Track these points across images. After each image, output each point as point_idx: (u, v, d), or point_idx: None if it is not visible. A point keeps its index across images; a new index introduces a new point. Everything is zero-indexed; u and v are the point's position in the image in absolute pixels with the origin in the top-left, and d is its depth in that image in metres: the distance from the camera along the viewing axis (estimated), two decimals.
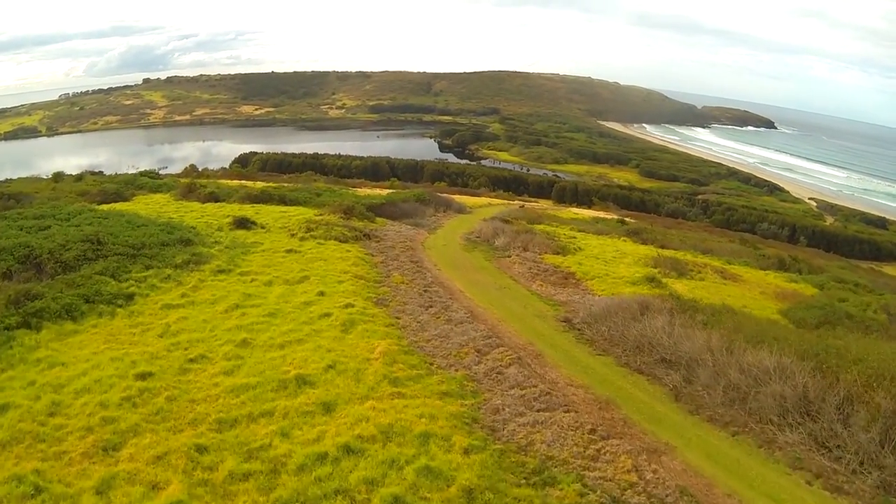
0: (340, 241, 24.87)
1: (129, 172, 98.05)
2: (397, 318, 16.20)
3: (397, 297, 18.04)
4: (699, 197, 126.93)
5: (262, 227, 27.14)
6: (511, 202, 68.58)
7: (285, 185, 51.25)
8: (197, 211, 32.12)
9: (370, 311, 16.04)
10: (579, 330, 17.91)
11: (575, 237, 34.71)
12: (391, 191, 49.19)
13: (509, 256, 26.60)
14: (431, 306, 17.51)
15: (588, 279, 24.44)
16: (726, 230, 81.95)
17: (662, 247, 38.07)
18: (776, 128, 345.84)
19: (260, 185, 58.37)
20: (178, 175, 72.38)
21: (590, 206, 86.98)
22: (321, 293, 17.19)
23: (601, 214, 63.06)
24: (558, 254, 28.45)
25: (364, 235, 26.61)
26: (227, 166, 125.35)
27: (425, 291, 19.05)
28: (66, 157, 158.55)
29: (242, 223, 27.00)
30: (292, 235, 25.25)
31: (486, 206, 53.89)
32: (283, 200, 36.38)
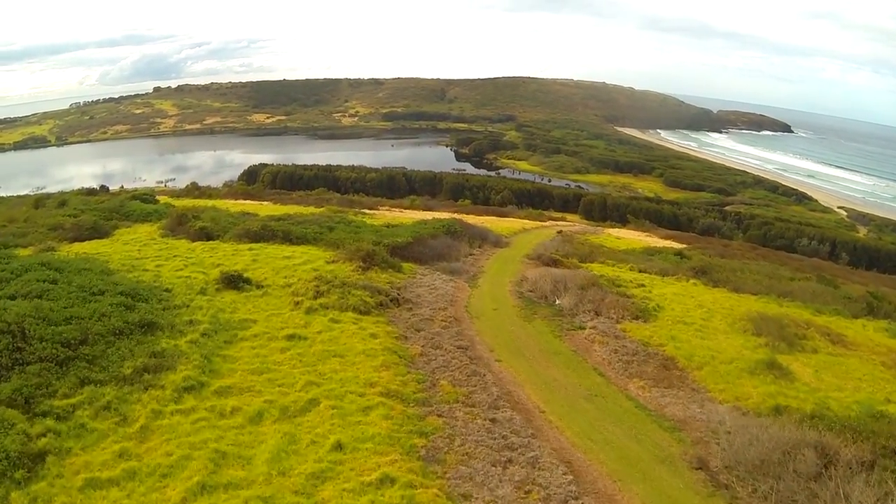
0: (360, 313, 18.59)
1: (128, 190, 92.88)
2: (465, 500, 9.87)
3: (455, 442, 11.66)
4: (728, 208, 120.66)
5: (258, 287, 20.95)
6: (542, 222, 62.43)
7: (292, 211, 45.15)
8: (181, 256, 26.03)
9: (420, 498, 9.64)
10: (727, 488, 11.66)
11: (644, 285, 28.28)
12: (415, 219, 42.99)
13: (582, 329, 20.22)
14: (510, 461, 11.16)
15: (694, 367, 18.08)
16: (777, 251, 75.10)
17: (736, 290, 31.80)
18: (793, 132, 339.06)
19: (266, 207, 52.59)
20: (180, 192, 66.74)
21: (624, 223, 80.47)
22: (338, 446, 10.81)
23: (647, 239, 56.52)
24: (638, 318, 22.08)
25: (391, 300, 20.28)
26: (236, 178, 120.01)
27: (493, 421, 12.68)
28: (70, 169, 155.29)
29: (233, 281, 20.84)
30: (297, 304, 18.97)
31: (521, 231, 47.56)
32: (287, 238, 30.21)
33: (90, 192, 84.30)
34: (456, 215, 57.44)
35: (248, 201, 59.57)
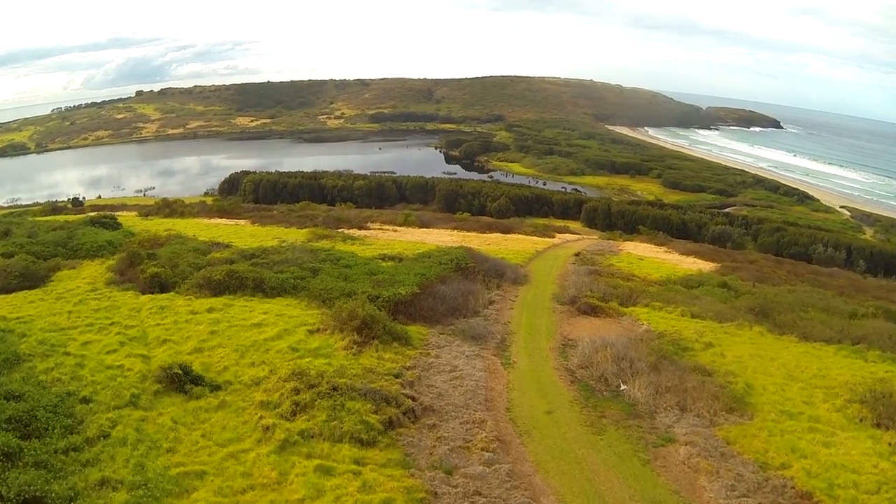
0: (362, 445, 12.50)
1: (98, 204, 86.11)
2: None
3: None
4: (731, 210, 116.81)
5: (213, 389, 14.84)
6: (551, 238, 56.82)
7: (270, 238, 38.92)
8: (120, 324, 19.88)
9: None
10: None
11: (711, 344, 22.42)
12: (413, 243, 37.00)
13: (673, 441, 14.32)
14: None
15: None
16: (796, 261, 69.92)
17: (805, 337, 25.94)
18: (782, 128, 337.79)
19: (242, 228, 46.55)
20: (149, 210, 60.05)
21: (632, 233, 75.30)
22: None
23: (668, 256, 50.76)
24: (734, 411, 16.26)
25: (403, 413, 14.12)
26: (216, 186, 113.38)
27: None
28: (47, 178, 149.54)
29: (177, 381, 14.69)
30: (266, 430, 12.83)
31: (535, 255, 41.68)
32: (260, 288, 23.99)
33: (55, 209, 77.34)
34: (456, 233, 51.84)
35: (223, 220, 53.24)
